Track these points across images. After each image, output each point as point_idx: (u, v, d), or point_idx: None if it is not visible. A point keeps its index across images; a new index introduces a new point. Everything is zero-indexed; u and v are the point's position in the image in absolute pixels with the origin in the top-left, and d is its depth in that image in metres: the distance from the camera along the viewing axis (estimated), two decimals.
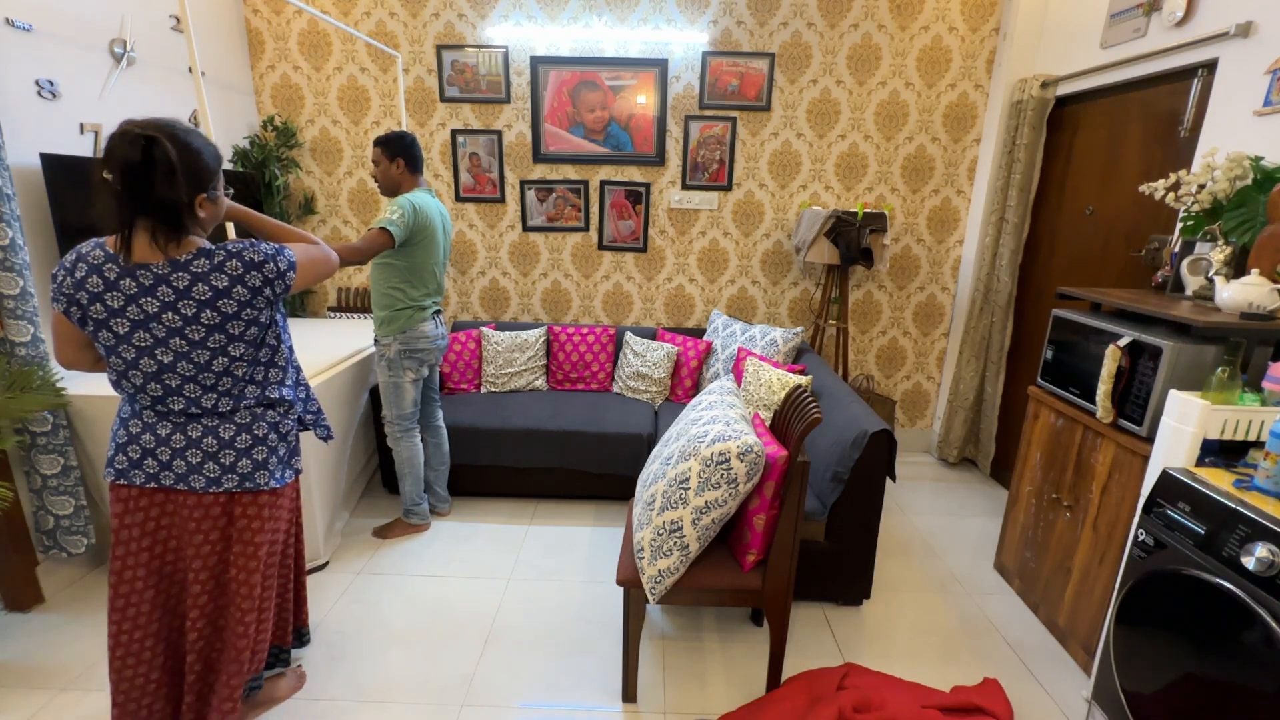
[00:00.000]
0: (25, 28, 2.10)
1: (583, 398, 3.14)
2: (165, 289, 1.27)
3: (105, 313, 1.27)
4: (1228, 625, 1.26)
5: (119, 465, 1.38)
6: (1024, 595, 2.33)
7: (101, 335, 1.29)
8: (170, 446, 1.38)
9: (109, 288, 1.26)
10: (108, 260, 1.26)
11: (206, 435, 1.39)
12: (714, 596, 1.75)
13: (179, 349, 1.31)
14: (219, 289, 1.30)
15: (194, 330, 1.30)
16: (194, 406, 1.38)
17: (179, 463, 1.38)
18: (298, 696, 1.82)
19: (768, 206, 3.42)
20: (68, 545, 2.16)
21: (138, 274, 1.26)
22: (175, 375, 1.33)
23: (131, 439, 1.38)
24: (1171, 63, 2.27)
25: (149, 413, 1.39)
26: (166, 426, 1.38)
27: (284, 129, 3.30)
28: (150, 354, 1.30)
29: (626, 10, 3.18)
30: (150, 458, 1.38)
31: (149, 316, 1.28)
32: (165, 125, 1.25)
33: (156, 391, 1.35)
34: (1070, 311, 2.11)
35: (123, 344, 1.29)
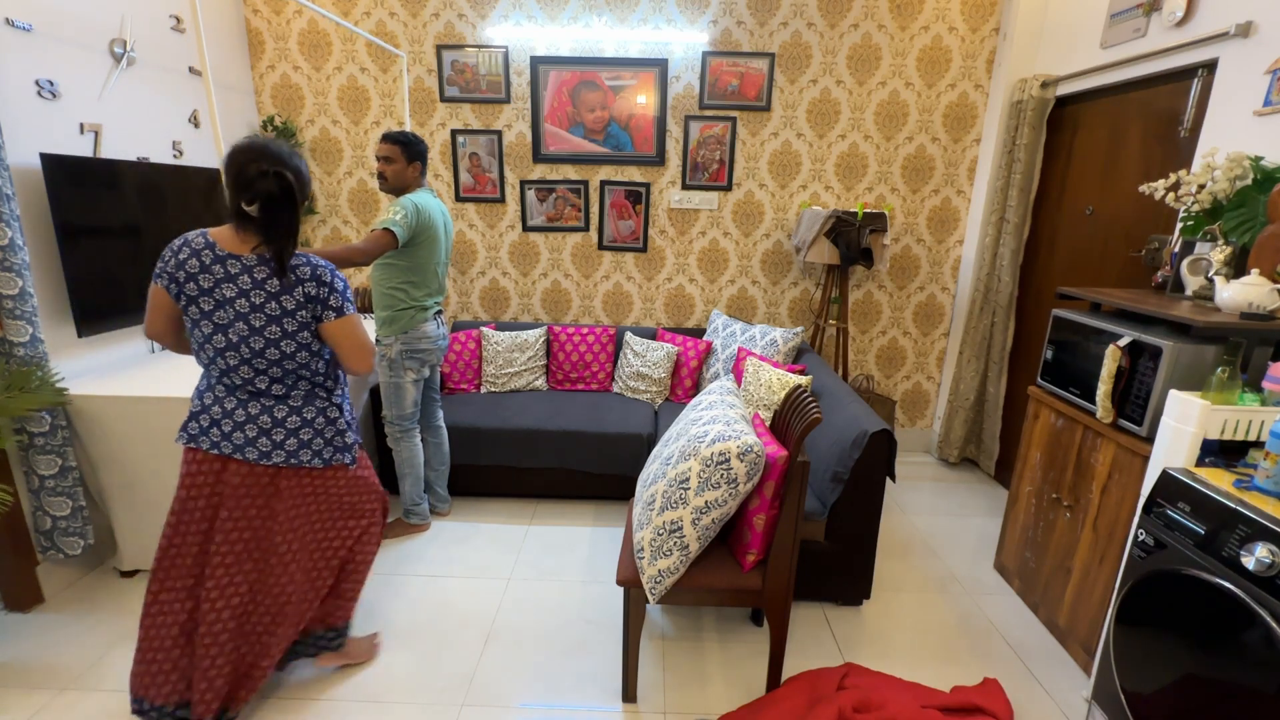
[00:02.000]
0: (25, 28, 2.10)
1: (583, 398, 3.14)
2: (246, 278, 1.48)
3: (197, 290, 1.48)
4: (1228, 625, 1.26)
5: (191, 430, 1.56)
6: (1024, 595, 2.33)
7: (190, 310, 1.49)
8: (233, 419, 1.56)
9: (204, 270, 1.47)
10: (206, 246, 1.48)
11: (262, 414, 1.57)
12: (714, 596, 1.75)
13: (242, 333, 1.49)
14: (283, 289, 1.50)
15: (256, 318, 1.49)
16: (251, 386, 1.56)
17: (238, 435, 1.56)
18: (298, 696, 1.82)
19: (768, 206, 3.42)
20: (65, 546, 2.16)
21: (228, 262, 1.48)
22: (236, 355, 1.51)
23: (204, 408, 1.56)
24: (1171, 63, 2.27)
25: (220, 387, 1.57)
26: (232, 401, 1.56)
27: (284, 129, 3.29)
28: (223, 332, 1.49)
29: (626, 10, 3.18)
30: (215, 427, 1.56)
31: (227, 300, 1.48)
32: (288, 159, 1.49)
33: (222, 366, 1.53)
34: (1070, 311, 2.11)
35: (205, 319, 1.49)
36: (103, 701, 1.79)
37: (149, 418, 2.15)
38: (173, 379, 2.32)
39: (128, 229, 2.41)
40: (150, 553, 2.32)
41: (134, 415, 2.15)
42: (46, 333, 2.15)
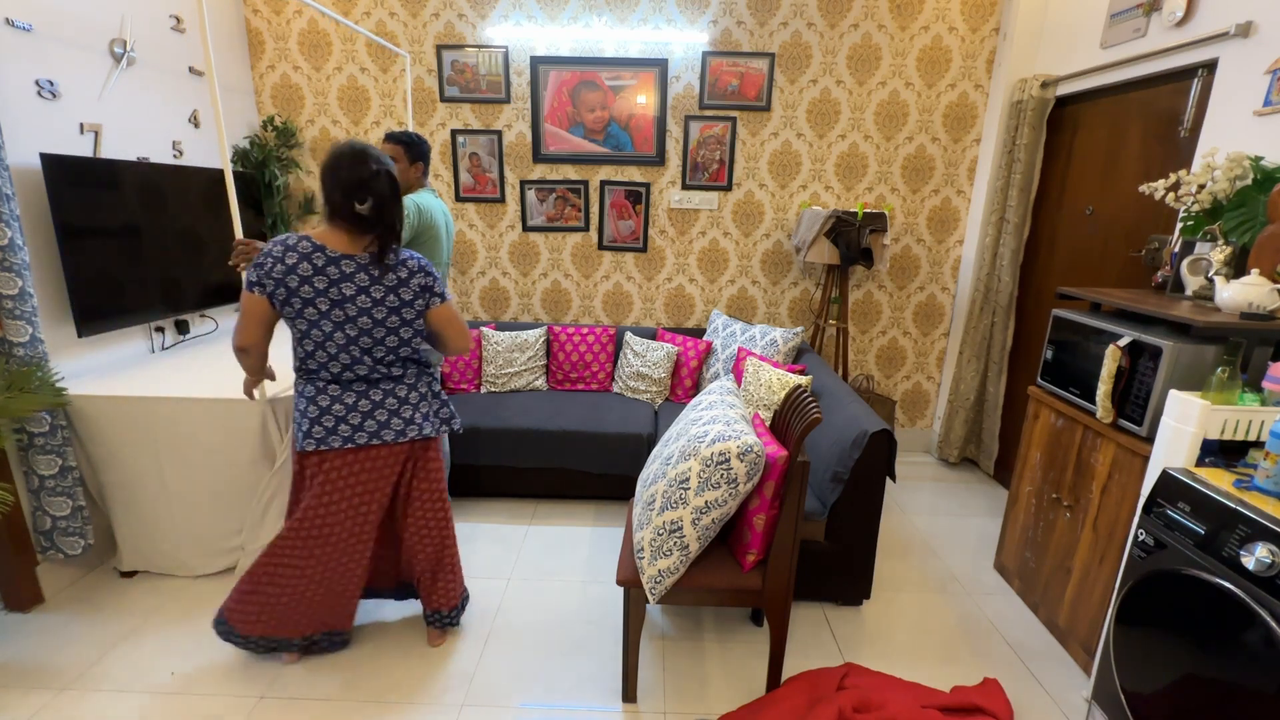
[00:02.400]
0: (25, 28, 2.10)
1: (583, 398, 3.14)
2: (363, 275, 1.60)
3: (312, 292, 1.56)
4: (1228, 625, 1.26)
5: (317, 435, 1.66)
6: (1024, 595, 2.33)
7: (306, 312, 1.57)
8: (359, 411, 1.68)
9: (318, 272, 1.56)
10: (315, 250, 1.57)
11: (387, 397, 1.71)
12: (714, 596, 1.75)
13: (365, 326, 1.62)
14: (400, 281, 1.63)
15: (378, 310, 1.62)
16: (373, 374, 1.69)
17: (369, 422, 1.69)
18: (298, 696, 1.82)
19: (768, 206, 3.42)
20: (65, 546, 2.16)
21: (341, 263, 1.58)
22: (357, 347, 1.63)
23: (323, 411, 1.66)
24: (1171, 63, 2.27)
25: (333, 386, 1.67)
26: (351, 395, 1.67)
27: (284, 129, 3.29)
28: (343, 329, 1.60)
29: (626, 10, 3.18)
30: (342, 423, 1.67)
31: (347, 297, 1.59)
32: (386, 161, 1.61)
33: (346, 360, 1.64)
34: (1070, 311, 2.11)
35: (323, 319, 1.59)
36: (103, 701, 1.79)
37: (149, 418, 2.15)
38: (173, 379, 2.32)
39: (128, 229, 2.42)
40: (149, 555, 2.33)
41: (134, 415, 2.15)
42: (46, 333, 2.15)
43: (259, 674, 1.90)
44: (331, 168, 1.56)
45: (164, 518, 2.27)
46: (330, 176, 1.56)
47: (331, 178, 1.56)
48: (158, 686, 1.85)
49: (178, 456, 2.20)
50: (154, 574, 2.36)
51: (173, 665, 1.93)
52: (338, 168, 1.55)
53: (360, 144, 1.59)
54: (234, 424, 2.16)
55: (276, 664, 1.94)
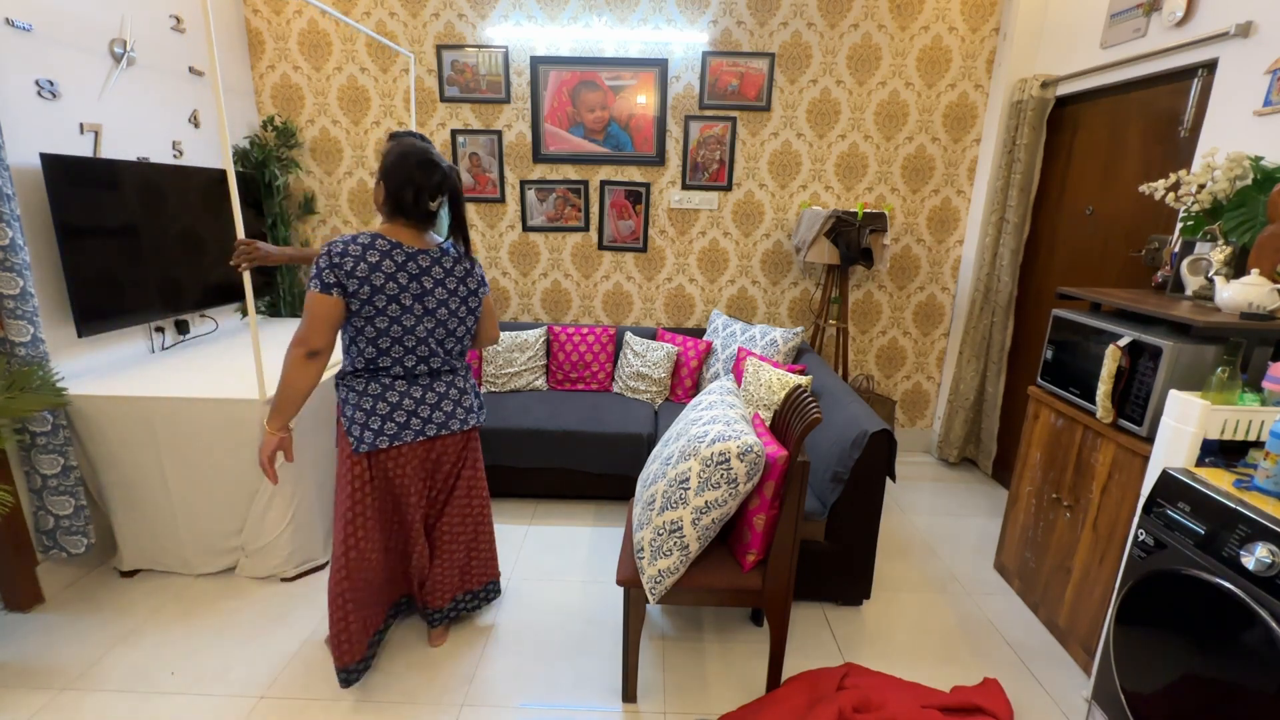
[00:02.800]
0: (25, 28, 2.10)
1: (583, 398, 3.14)
2: (438, 269, 1.65)
3: (397, 288, 1.58)
4: (1228, 625, 1.26)
5: (390, 431, 1.68)
6: (1024, 595, 2.33)
7: (390, 309, 1.59)
8: (426, 403, 1.72)
9: (400, 268, 1.59)
10: (393, 247, 1.59)
11: (450, 388, 1.76)
12: (714, 596, 1.75)
13: (441, 317, 1.67)
14: (468, 272, 1.70)
15: (454, 300, 1.68)
16: (443, 366, 1.74)
17: (437, 414, 1.74)
18: (298, 697, 1.82)
19: (768, 206, 3.42)
20: (67, 545, 2.16)
21: (418, 257, 1.62)
22: (434, 339, 1.68)
23: (394, 406, 1.68)
24: (1171, 63, 2.27)
25: (400, 382, 1.69)
26: (418, 389, 1.71)
27: (284, 129, 3.29)
28: (422, 322, 1.64)
29: (626, 10, 3.18)
30: (413, 417, 1.70)
31: (427, 290, 1.63)
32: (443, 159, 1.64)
33: (423, 353, 1.68)
34: (1070, 311, 2.11)
35: (405, 314, 1.61)
36: (103, 701, 1.79)
37: (149, 417, 2.15)
38: (173, 379, 2.32)
39: (128, 229, 2.42)
40: (150, 553, 2.33)
41: (134, 415, 2.15)
42: (47, 333, 2.15)
43: (259, 674, 1.90)
44: (401, 169, 1.57)
45: (165, 516, 2.27)
46: (399, 177, 1.57)
47: (404, 180, 1.57)
48: (158, 686, 1.85)
49: (178, 456, 2.20)
50: (154, 574, 2.36)
51: (173, 665, 1.93)
52: (410, 169, 1.57)
53: (421, 144, 1.62)
54: (234, 424, 2.16)
55: (277, 664, 1.94)
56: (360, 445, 1.66)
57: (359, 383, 1.68)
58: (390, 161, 1.59)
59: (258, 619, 2.14)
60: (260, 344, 2.12)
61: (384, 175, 1.60)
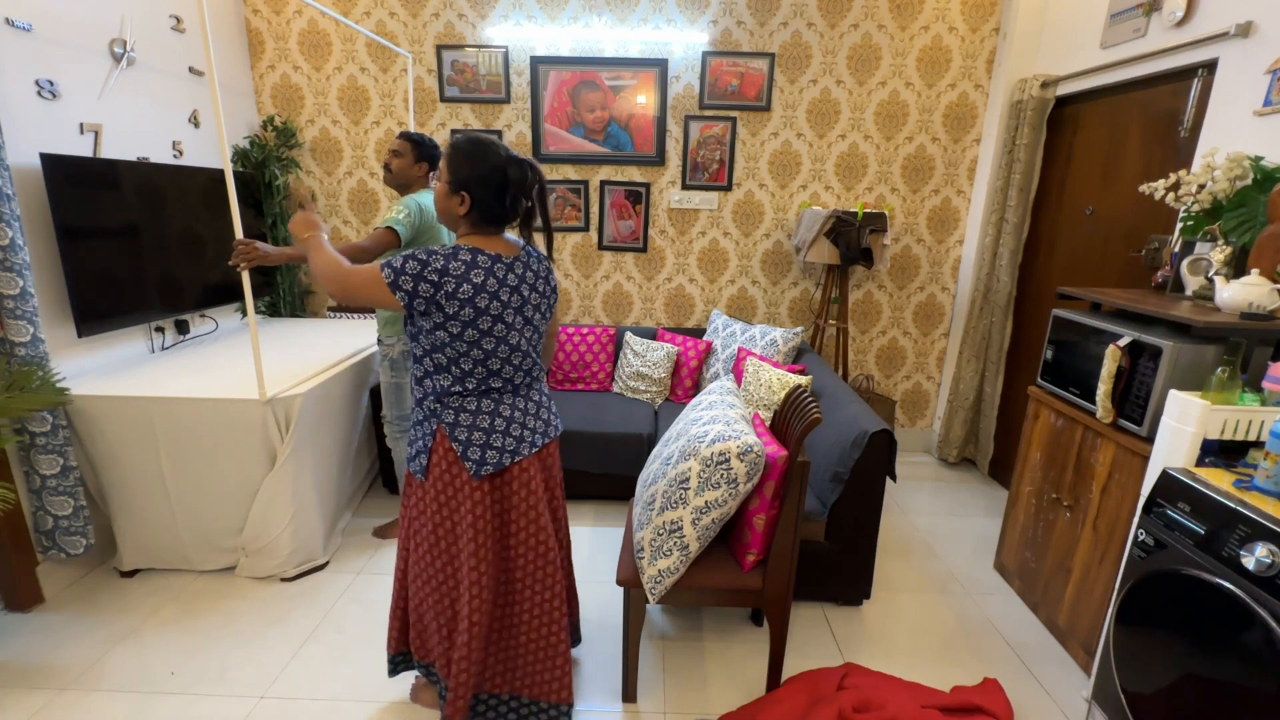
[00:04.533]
0: (25, 28, 2.10)
1: (583, 398, 3.14)
2: (529, 274, 1.51)
3: (500, 307, 1.44)
4: (1228, 625, 1.26)
5: (510, 447, 1.53)
6: (1024, 595, 2.33)
7: (496, 329, 1.44)
8: (529, 413, 1.59)
9: (501, 284, 1.44)
10: (494, 261, 1.44)
11: (540, 395, 1.64)
12: (714, 596, 1.75)
13: (536, 323, 1.54)
14: (546, 274, 1.57)
15: (543, 304, 1.56)
16: (534, 370, 1.61)
17: (539, 423, 1.61)
18: (298, 696, 1.82)
19: (768, 206, 3.42)
20: (67, 546, 2.16)
21: (514, 266, 1.47)
22: (533, 347, 1.56)
23: (509, 421, 1.54)
24: (1171, 63, 2.27)
25: (508, 394, 1.55)
26: (521, 400, 1.57)
27: (284, 129, 3.29)
28: (521, 331, 1.50)
29: (626, 10, 3.18)
30: (525, 429, 1.57)
31: (525, 300, 1.49)
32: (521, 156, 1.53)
33: (527, 365, 1.56)
34: (1070, 311, 2.11)
35: (511, 331, 1.47)
36: (103, 701, 1.79)
37: (149, 418, 2.15)
38: (173, 379, 2.32)
39: (128, 229, 2.42)
40: (151, 552, 2.33)
41: (134, 415, 2.15)
42: (47, 333, 2.15)
43: (259, 674, 1.90)
44: (493, 174, 1.43)
45: (166, 514, 2.27)
46: (493, 182, 1.43)
47: (495, 184, 1.43)
48: (158, 686, 1.85)
49: (178, 456, 2.20)
50: (154, 574, 2.36)
51: (173, 665, 1.93)
52: (501, 172, 1.43)
53: (497, 143, 1.48)
54: (234, 424, 2.16)
55: (277, 664, 1.94)
56: (483, 468, 1.48)
57: (470, 402, 1.50)
58: (472, 166, 1.43)
59: (258, 619, 2.14)
60: (260, 344, 2.12)
61: (465, 182, 1.42)
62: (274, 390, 2.18)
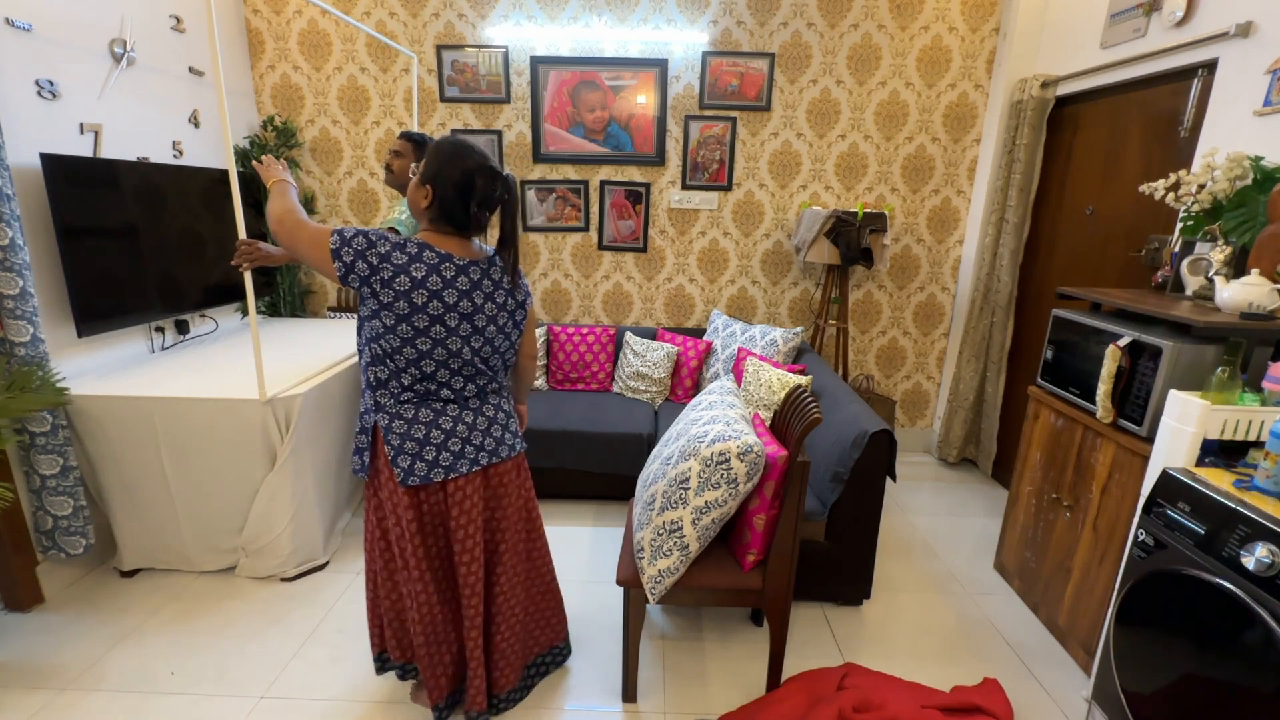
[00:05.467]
0: (25, 28, 2.10)
1: (583, 398, 3.14)
2: (487, 282, 1.47)
3: (442, 308, 1.40)
4: (1228, 625, 1.26)
5: (445, 462, 1.50)
6: (1024, 595, 2.33)
7: (434, 330, 1.41)
8: (475, 428, 1.54)
9: (447, 284, 1.41)
10: (442, 260, 1.41)
11: (497, 411, 1.59)
12: (714, 596, 1.75)
13: (490, 335, 1.49)
14: (511, 289, 1.52)
15: (501, 315, 1.51)
16: (489, 385, 1.57)
17: (488, 440, 1.56)
18: (298, 696, 1.82)
19: (768, 206, 3.42)
20: (66, 546, 2.16)
21: (469, 270, 1.44)
22: (480, 358, 1.50)
23: (447, 434, 1.50)
24: (1171, 63, 2.27)
25: (451, 406, 1.52)
26: (469, 414, 1.54)
27: (284, 129, 3.29)
28: (469, 341, 1.46)
29: (626, 10, 3.18)
30: (467, 444, 1.53)
31: (477, 307, 1.45)
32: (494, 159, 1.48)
33: (469, 373, 1.50)
34: (1070, 311, 2.11)
35: (452, 335, 1.43)
36: (103, 701, 1.79)
37: (149, 418, 2.15)
38: (173, 379, 2.32)
39: (128, 229, 2.42)
40: (152, 551, 2.33)
41: (134, 415, 2.15)
42: (47, 333, 2.15)
43: (259, 674, 1.90)
44: (457, 175, 1.40)
45: (167, 514, 2.27)
46: (454, 184, 1.40)
47: (457, 186, 1.40)
48: (158, 686, 1.85)
49: (179, 455, 2.20)
50: (154, 574, 2.36)
51: (173, 665, 1.93)
52: (466, 177, 1.40)
53: (478, 150, 1.44)
54: (234, 424, 2.16)
55: (277, 664, 1.94)
56: (410, 478, 1.47)
57: (407, 410, 1.48)
58: (443, 164, 1.41)
59: (258, 619, 2.14)
60: (260, 344, 2.12)
61: (432, 178, 1.41)
62: (274, 390, 2.17)
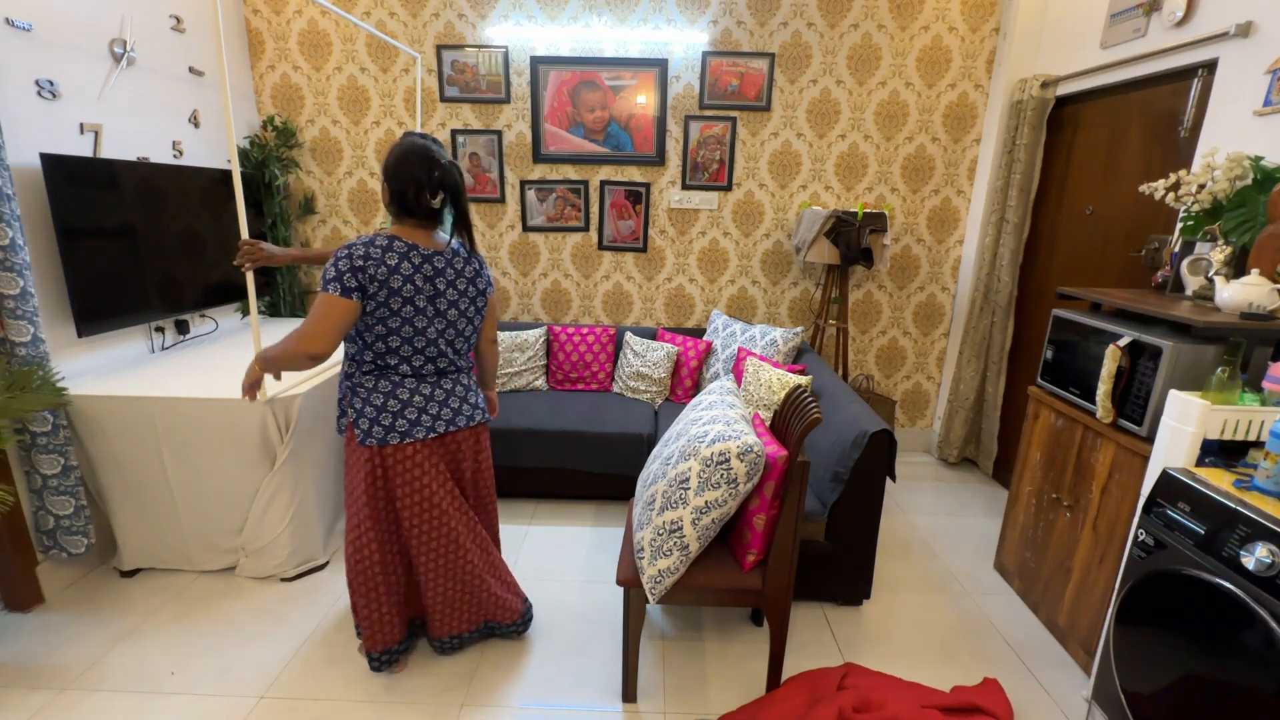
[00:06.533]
0: (25, 28, 2.10)
1: (583, 398, 3.14)
2: (450, 270, 1.66)
3: (413, 290, 1.59)
4: (1228, 625, 1.26)
5: (401, 427, 1.67)
6: (1024, 595, 2.33)
7: (404, 311, 1.59)
8: (436, 400, 1.72)
9: (416, 270, 1.60)
10: (410, 249, 1.60)
11: (456, 385, 1.77)
12: (714, 596, 1.75)
13: (452, 317, 1.68)
14: (477, 272, 1.73)
15: (464, 300, 1.70)
16: (451, 365, 1.75)
17: (445, 410, 1.74)
18: (298, 696, 1.82)
19: (768, 206, 3.42)
20: (68, 545, 2.16)
21: (434, 259, 1.63)
22: (444, 339, 1.69)
23: (404, 403, 1.67)
24: (1171, 63, 2.27)
25: (410, 379, 1.69)
26: (428, 386, 1.71)
27: (284, 129, 3.29)
28: (434, 323, 1.65)
29: (626, 10, 3.18)
30: (424, 414, 1.70)
31: (440, 292, 1.64)
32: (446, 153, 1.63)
33: (432, 354, 1.68)
34: (1070, 311, 2.11)
35: (418, 315, 1.62)
36: (103, 701, 1.79)
37: (149, 418, 2.15)
38: (173, 379, 2.32)
39: (128, 229, 2.42)
40: (152, 551, 2.33)
41: (134, 415, 2.15)
42: (47, 333, 2.15)
43: (259, 674, 1.90)
44: (402, 167, 1.57)
45: (167, 514, 2.27)
46: (402, 176, 1.58)
47: (404, 177, 1.57)
48: (158, 686, 1.85)
49: (179, 455, 2.20)
50: (154, 573, 2.36)
51: (173, 665, 1.93)
52: (409, 166, 1.57)
53: (421, 140, 1.61)
54: (234, 424, 2.16)
55: (277, 664, 1.94)
56: (367, 439, 1.65)
57: (368, 380, 1.67)
58: (392, 160, 1.59)
59: (258, 619, 2.14)
60: (261, 344, 2.12)
61: (386, 174, 1.60)
62: (274, 390, 2.18)
